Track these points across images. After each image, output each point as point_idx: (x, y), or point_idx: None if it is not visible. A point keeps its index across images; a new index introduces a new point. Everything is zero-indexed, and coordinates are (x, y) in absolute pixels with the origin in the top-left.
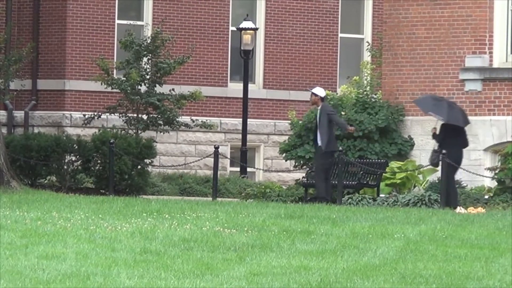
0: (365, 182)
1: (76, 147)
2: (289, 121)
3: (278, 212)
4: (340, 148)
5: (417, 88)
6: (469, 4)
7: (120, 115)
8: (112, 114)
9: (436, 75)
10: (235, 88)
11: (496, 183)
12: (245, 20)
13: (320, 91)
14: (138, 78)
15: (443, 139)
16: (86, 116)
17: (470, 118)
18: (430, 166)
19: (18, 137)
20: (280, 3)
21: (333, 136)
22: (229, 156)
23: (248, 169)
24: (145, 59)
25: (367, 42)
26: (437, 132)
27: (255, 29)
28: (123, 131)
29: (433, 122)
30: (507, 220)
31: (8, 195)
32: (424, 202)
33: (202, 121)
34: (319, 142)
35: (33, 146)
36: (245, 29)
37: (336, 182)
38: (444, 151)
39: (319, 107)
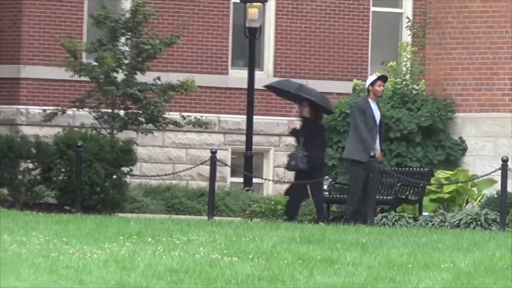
0: (403, 196)
1: (34, 151)
2: None
3: (292, 235)
4: (372, 154)
5: (470, 77)
6: None
7: (91, 110)
8: (81, 109)
9: (494, 60)
10: (237, 77)
11: None
12: None
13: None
14: (114, 63)
15: (308, 135)
16: (47, 112)
17: None
18: (488, 177)
19: None
20: None
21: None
22: (229, 164)
23: (254, 180)
24: (122, 39)
25: (407, 17)
26: (298, 127)
27: (264, 1)
28: (94, 131)
29: (491, 120)
30: None
31: None
32: (479, 222)
33: (195, 118)
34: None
35: None
36: (251, 0)
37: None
38: (306, 153)
39: None
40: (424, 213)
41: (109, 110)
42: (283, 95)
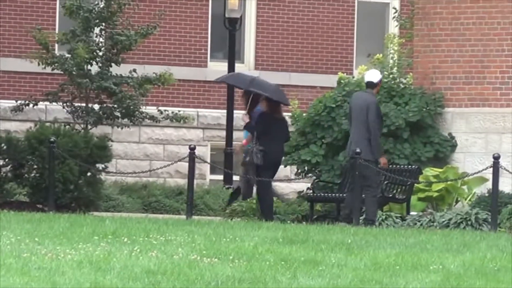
0: (390, 195)
1: (5, 147)
2: (290, 114)
3: (275, 235)
4: (358, 150)
5: (460, 70)
6: None
7: (64, 104)
8: (53, 103)
9: (485, 53)
10: (217, 69)
11: None
12: None
13: (366, 74)
14: (87, 55)
15: (263, 130)
16: (18, 105)
17: None
18: (479, 175)
19: None
20: None
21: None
22: (209, 160)
23: (235, 178)
24: (96, 30)
25: (394, 8)
26: (250, 120)
27: None
28: (67, 126)
29: (482, 115)
30: None
31: None
32: (469, 222)
33: (173, 113)
34: None
35: None
36: None
37: (351, 195)
38: (261, 148)
39: None
40: (412, 213)
41: (83, 104)
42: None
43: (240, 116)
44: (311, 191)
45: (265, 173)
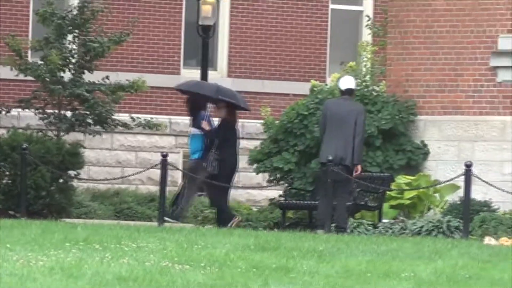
0: (362, 203)
1: None
2: (262, 121)
3: (246, 243)
4: (330, 158)
5: (433, 78)
6: None
7: (36, 111)
8: (25, 110)
9: (458, 61)
10: (190, 77)
11: None
12: None
13: (340, 82)
14: (60, 61)
15: (224, 137)
16: None
17: (503, 118)
18: (451, 182)
19: None
20: None
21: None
22: (181, 167)
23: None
24: (70, 37)
25: (367, 16)
26: (206, 127)
27: None
28: (40, 133)
29: (455, 123)
30: None
31: None
32: (441, 230)
33: (145, 120)
34: None
35: None
36: None
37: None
38: (218, 157)
39: None
40: (384, 220)
41: (56, 111)
42: (196, 96)
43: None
44: (283, 198)
45: (222, 181)
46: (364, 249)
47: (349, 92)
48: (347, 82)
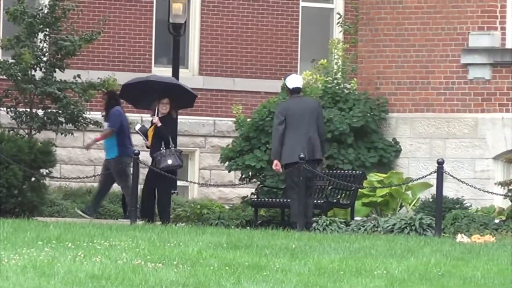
0: (335, 200)
1: None
2: (234, 119)
3: (219, 241)
4: (302, 155)
5: (404, 75)
6: None
7: (8, 109)
8: None
9: (429, 58)
10: (161, 75)
11: (510, 203)
12: None
13: (288, 81)
14: (32, 60)
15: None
16: None
17: (475, 115)
18: (423, 180)
19: None
20: None
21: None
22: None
23: (179, 183)
24: (41, 35)
25: (338, 13)
26: (158, 123)
27: None
28: (11, 131)
29: (426, 121)
30: None
31: None
32: (413, 227)
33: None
34: None
35: None
36: None
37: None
38: (180, 149)
39: None
40: (356, 218)
41: (27, 110)
42: (136, 99)
43: (183, 121)
44: (255, 196)
45: (168, 177)
46: (336, 247)
47: (297, 90)
48: (295, 81)
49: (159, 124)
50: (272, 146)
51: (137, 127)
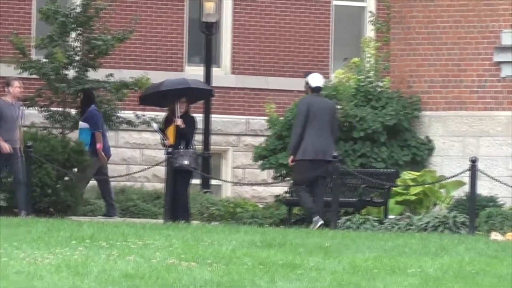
0: (368, 199)
1: None
2: (267, 118)
3: (253, 239)
4: (335, 154)
5: (437, 74)
6: None
7: (41, 109)
8: (30, 108)
9: (462, 56)
10: (193, 74)
11: None
12: None
13: (311, 79)
14: (65, 59)
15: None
16: None
17: (508, 113)
18: (456, 178)
19: None
20: None
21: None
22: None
23: (213, 182)
24: (73, 35)
25: (370, 12)
26: (182, 125)
27: None
28: (44, 131)
29: (459, 119)
30: None
31: None
32: (447, 225)
33: (150, 118)
34: None
35: None
36: None
37: (329, 199)
38: (197, 152)
39: None
40: (389, 216)
41: (60, 109)
42: (159, 101)
43: (216, 120)
44: (288, 194)
45: (186, 176)
46: (370, 245)
47: (318, 89)
48: (318, 80)
49: (183, 126)
50: (291, 140)
51: (155, 126)
